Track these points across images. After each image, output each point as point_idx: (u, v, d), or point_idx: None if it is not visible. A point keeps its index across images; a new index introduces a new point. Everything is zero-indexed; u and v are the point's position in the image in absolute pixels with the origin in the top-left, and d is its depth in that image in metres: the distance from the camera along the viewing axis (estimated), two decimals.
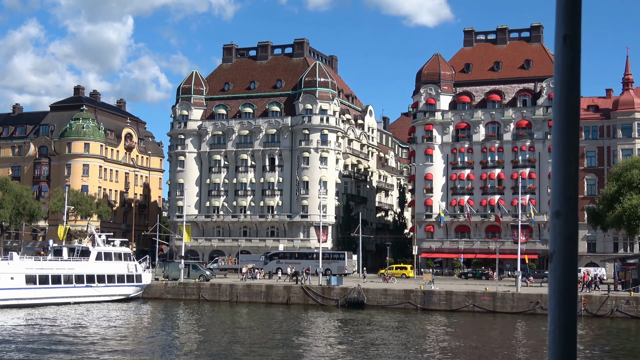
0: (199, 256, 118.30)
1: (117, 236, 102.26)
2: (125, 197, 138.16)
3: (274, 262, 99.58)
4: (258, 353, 41.47)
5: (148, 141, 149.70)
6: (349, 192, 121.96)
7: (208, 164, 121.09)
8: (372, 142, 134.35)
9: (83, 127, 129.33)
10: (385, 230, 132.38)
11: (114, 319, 58.82)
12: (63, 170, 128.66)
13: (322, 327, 55.09)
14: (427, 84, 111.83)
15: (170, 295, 77.73)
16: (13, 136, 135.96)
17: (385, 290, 71.24)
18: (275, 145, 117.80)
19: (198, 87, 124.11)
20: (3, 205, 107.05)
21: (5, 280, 63.63)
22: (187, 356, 40.20)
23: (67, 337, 46.43)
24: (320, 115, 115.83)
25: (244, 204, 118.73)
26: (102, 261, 73.60)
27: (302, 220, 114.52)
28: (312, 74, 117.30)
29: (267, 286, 75.02)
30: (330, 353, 42.26)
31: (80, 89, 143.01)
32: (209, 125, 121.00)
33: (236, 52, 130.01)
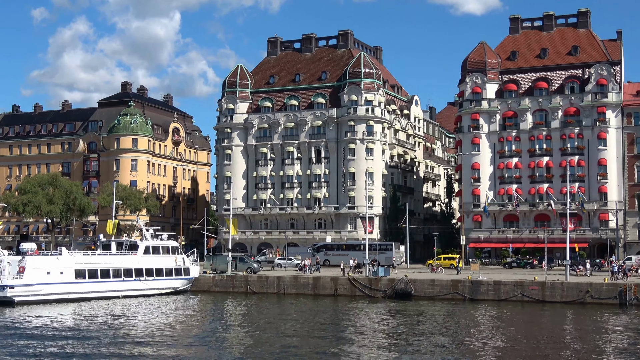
0: (247, 249, 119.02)
1: (166, 230, 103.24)
2: (174, 191, 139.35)
3: (321, 253, 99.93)
4: (308, 344, 41.59)
5: (195, 135, 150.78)
6: (395, 183, 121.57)
7: (255, 157, 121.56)
8: (418, 132, 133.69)
9: (131, 123, 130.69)
10: (432, 221, 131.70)
11: (163, 312, 59.27)
12: (112, 166, 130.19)
13: (371, 318, 54.93)
14: (473, 72, 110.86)
15: (218, 288, 78.25)
16: (62, 133, 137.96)
17: (433, 280, 70.93)
18: (321, 137, 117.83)
19: (243, 80, 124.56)
20: (54, 201, 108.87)
21: (55, 274, 64.55)
22: (238, 348, 40.32)
23: (117, 330, 46.93)
24: (365, 106, 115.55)
25: (291, 196, 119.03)
26: (150, 255, 74.27)
27: (349, 211, 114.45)
28: (357, 65, 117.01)
29: (314, 278, 75.13)
30: (379, 344, 42.15)
31: (128, 84, 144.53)
32: (255, 119, 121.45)
33: (281, 45, 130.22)
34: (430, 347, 40.79)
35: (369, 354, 38.31)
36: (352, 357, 37.00)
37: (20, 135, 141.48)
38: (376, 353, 38.82)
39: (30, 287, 62.32)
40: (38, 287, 62.85)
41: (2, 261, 63.24)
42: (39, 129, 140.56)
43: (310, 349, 39.90)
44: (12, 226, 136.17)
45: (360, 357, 37.25)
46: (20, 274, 62.40)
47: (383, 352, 39.29)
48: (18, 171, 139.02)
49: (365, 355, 38.01)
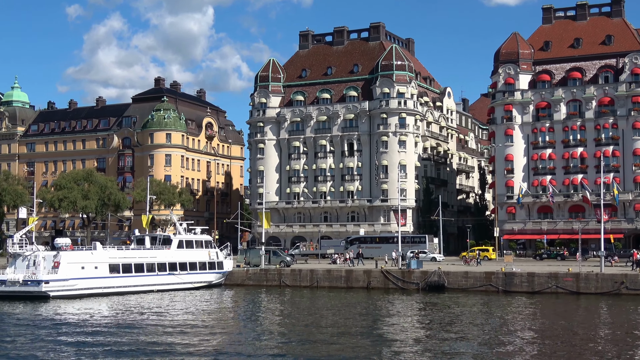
0: (281, 242, 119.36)
1: (200, 224, 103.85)
2: (208, 185, 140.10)
3: (354, 246, 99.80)
4: (344, 337, 41.55)
5: (228, 130, 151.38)
6: (428, 175, 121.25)
7: (287, 151, 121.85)
8: (451, 124, 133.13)
9: (164, 118, 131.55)
10: (466, 213, 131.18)
11: (197, 305, 59.52)
12: (146, 161, 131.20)
13: (405, 311, 54.82)
14: (505, 63, 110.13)
15: (251, 281, 78.57)
16: (97, 129, 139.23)
17: (466, 272, 70.66)
18: (353, 130, 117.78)
19: (276, 74, 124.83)
20: (89, 197, 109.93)
21: (90, 269, 65.17)
22: (273, 341, 40.35)
23: (152, 323, 47.25)
24: (397, 99, 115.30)
25: (324, 189, 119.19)
26: (184, 249, 74.70)
27: (382, 204, 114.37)
28: (389, 58, 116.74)
29: (347, 271, 75.18)
30: (414, 336, 42.05)
31: (161, 80, 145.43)
32: (287, 112, 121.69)
33: (313, 39, 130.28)
34: (465, 340, 40.59)
35: (405, 347, 38.16)
36: (388, 350, 36.88)
37: (55, 132, 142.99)
38: (412, 345, 38.67)
39: (64, 282, 62.97)
40: (73, 282, 63.50)
41: (38, 256, 63.99)
42: (74, 125, 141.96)
43: (346, 342, 39.85)
44: (49, 222, 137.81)
45: (396, 350, 37.10)
46: (55, 269, 63.03)
47: (419, 344, 39.13)
48: (54, 167, 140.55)
49: (401, 347, 37.87)
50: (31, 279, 62.48)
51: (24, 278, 62.66)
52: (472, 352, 36.45)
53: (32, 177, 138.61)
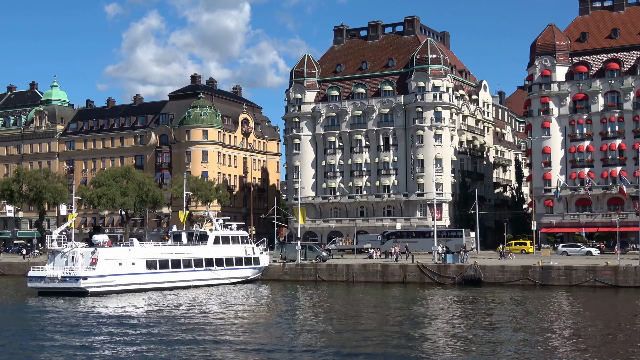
0: (318, 237, 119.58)
1: (237, 220, 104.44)
2: (244, 181, 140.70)
3: (391, 241, 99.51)
4: (380, 331, 41.59)
5: (264, 126, 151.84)
6: (465, 169, 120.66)
7: (323, 146, 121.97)
8: (487, 118, 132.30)
9: (201, 115, 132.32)
10: (504, 206, 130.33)
11: (234, 300, 59.78)
12: (183, 157, 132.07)
13: (441, 305, 54.70)
14: (542, 55, 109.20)
15: (287, 276, 78.88)
16: (135, 126, 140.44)
17: (503, 266, 70.29)
18: (388, 124, 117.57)
19: (311, 70, 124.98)
20: (127, 194, 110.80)
21: (127, 265, 65.75)
22: (310, 335, 40.42)
23: (190, 318, 47.53)
24: (433, 93, 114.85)
25: (360, 184, 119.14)
26: (220, 245, 75.13)
27: (418, 198, 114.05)
28: (424, 51, 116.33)
29: (382, 265, 75.15)
30: (451, 331, 41.87)
31: (197, 77, 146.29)
32: (322, 108, 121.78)
33: (347, 33, 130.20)
34: (503, 334, 40.40)
35: (442, 341, 38.06)
36: (426, 345, 36.84)
37: (94, 130, 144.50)
38: (449, 340, 38.55)
39: (102, 278, 63.61)
40: (110, 278, 64.11)
41: (76, 253, 64.68)
42: (112, 123, 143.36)
43: (384, 336, 39.87)
44: (89, 219, 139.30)
45: (434, 344, 37.03)
46: (93, 265, 63.66)
47: (456, 339, 38.99)
48: (93, 165, 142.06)
49: (438, 342, 37.78)
50: (69, 275, 63.20)
51: (63, 274, 63.41)
52: (512, 347, 36.20)
53: (72, 174, 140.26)
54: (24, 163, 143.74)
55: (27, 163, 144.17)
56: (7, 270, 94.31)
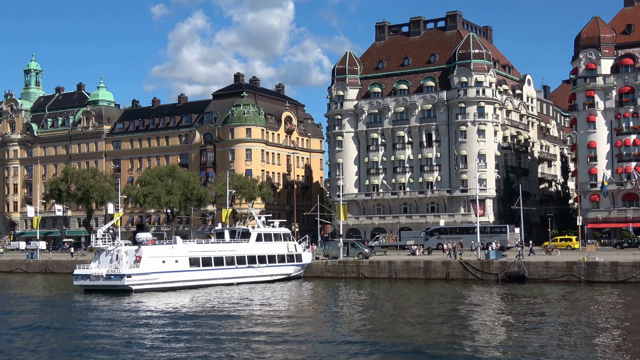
0: (361, 234, 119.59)
1: (281, 217, 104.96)
2: (288, 179, 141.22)
3: (434, 237, 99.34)
4: (425, 327, 41.56)
5: (307, 123, 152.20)
6: (509, 165, 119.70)
7: (366, 143, 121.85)
8: (531, 112, 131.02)
9: (244, 113, 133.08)
10: (549, 202, 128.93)
11: (277, 297, 60.00)
12: (227, 156, 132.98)
13: (485, 302, 54.35)
14: (586, 48, 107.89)
15: (330, 273, 78.89)
16: (180, 125, 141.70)
17: (547, 262, 69.57)
18: (431, 120, 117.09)
19: (352, 67, 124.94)
20: (172, 192, 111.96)
21: (170, 263, 66.38)
22: (355, 332, 40.42)
23: (234, 315, 47.78)
24: (476, 88, 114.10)
25: (403, 180, 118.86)
26: (262, 242, 75.43)
27: (461, 194, 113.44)
28: (466, 46, 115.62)
29: (425, 262, 74.90)
30: (497, 328, 41.67)
31: (240, 76, 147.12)
32: (364, 104, 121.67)
33: (389, 30, 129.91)
34: (549, 331, 40.00)
35: (488, 339, 37.85)
36: (471, 342, 36.60)
37: (139, 129, 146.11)
38: (495, 337, 38.39)
39: (146, 275, 64.30)
40: (154, 276, 64.78)
41: (120, 251, 65.47)
42: (157, 123, 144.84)
43: (428, 332, 39.87)
44: (135, 217, 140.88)
45: (480, 341, 36.78)
46: (137, 263, 64.39)
47: (502, 336, 38.87)
48: (139, 164, 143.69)
49: (484, 339, 37.57)
50: (114, 273, 63.97)
51: (107, 272, 64.22)
52: (558, 345, 35.78)
53: (118, 174, 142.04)
54: (72, 163, 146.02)
55: (75, 163, 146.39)
56: (55, 268, 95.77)
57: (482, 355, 33.17)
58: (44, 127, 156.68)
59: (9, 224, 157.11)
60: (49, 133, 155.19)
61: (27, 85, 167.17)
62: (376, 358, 33.21)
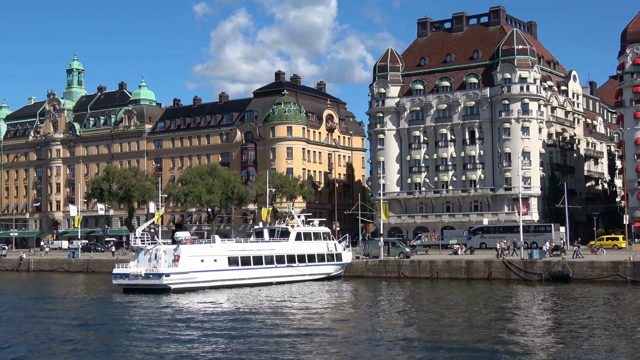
0: (403, 233, 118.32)
1: (323, 216, 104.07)
2: (329, 177, 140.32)
3: (477, 236, 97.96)
4: (468, 328, 40.77)
5: (349, 121, 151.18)
6: (554, 162, 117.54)
7: (407, 141, 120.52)
8: (577, 109, 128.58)
9: (285, 111, 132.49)
10: (595, 200, 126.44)
11: (317, 297, 59.34)
12: (268, 154, 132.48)
13: (529, 302, 53.17)
14: (633, 43, 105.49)
15: (370, 273, 78.02)
16: (221, 124, 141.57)
17: (592, 262, 67.91)
18: (474, 117, 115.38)
19: (394, 64, 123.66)
20: (213, 191, 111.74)
21: (209, 262, 65.92)
22: (397, 332, 39.63)
23: (274, 314, 47.27)
24: (519, 84, 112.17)
25: (446, 179, 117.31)
26: (302, 241, 74.76)
27: (505, 193, 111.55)
28: (510, 42, 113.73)
29: (467, 262, 73.64)
30: (542, 329, 40.62)
31: (281, 74, 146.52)
32: (406, 102, 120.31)
33: (431, 26, 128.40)
34: (596, 332, 38.94)
35: (533, 340, 36.80)
36: (516, 343, 35.69)
37: (181, 128, 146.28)
38: (540, 338, 37.28)
39: (184, 274, 63.91)
40: (192, 275, 64.37)
41: (159, 250, 65.14)
42: (199, 121, 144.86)
43: (471, 333, 39.08)
44: (177, 216, 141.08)
45: (524, 343, 35.76)
46: (175, 262, 64.05)
47: (547, 336, 37.84)
48: (180, 163, 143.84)
49: (528, 340, 36.53)
50: (152, 272, 63.69)
51: (146, 271, 63.96)
52: (605, 347, 34.71)
53: (160, 172, 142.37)
54: (113, 162, 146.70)
55: (117, 162, 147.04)
56: (97, 267, 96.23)
57: (528, 357, 32.28)
58: (86, 126, 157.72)
59: (52, 223, 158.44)
60: (91, 132, 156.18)
61: (70, 85, 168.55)
62: (420, 358, 32.59)
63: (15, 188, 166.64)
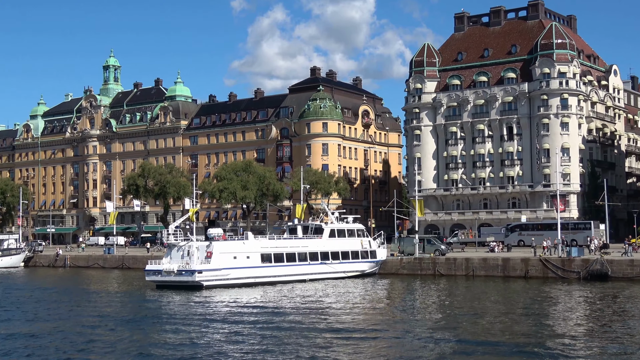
0: (440, 230, 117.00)
1: (358, 213, 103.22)
2: (365, 174, 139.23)
3: (515, 234, 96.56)
4: (505, 326, 39.96)
5: (385, 117, 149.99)
6: (594, 158, 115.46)
7: (444, 137, 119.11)
8: (618, 104, 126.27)
9: (320, 107, 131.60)
10: (637, 197, 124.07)
11: (351, 294, 58.62)
12: (303, 151, 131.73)
13: (568, 301, 52.10)
14: None
15: (405, 270, 77.08)
16: (256, 120, 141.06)
17: (632, 260, 66.34)
18: (512, 113, 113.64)
19: (431, 59, 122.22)
20: (248, 187, 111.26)
21: (242, 259, 65.39)
22: (434, 331, 38.88)
23: (305, 312, 46.73)
24: (558, 79, 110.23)
25: (483, 175, 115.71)
26: (336, 238, 73.96)
27: (544, 189, 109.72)
28: (549, 36, 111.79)
29: (503, 259, 72.35)
30: (580, 328, 39.64)
31: (317, 69, 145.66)
32: (443, 97, 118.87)
33: (468, 20, 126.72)
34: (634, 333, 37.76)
35: (570, 339, 35.90)
36: (554, 342, 34.77)
37: (216, 124, 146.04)
38: (579, 338, 36.32)
39: (217, 271, 63.49)
40: (225, 272, 63.92)
41: (191, 247, 64.82)
42: (234, 118, 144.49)
43: (509, 331, 38.27)
44: (212, 212, 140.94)
45: (562, 342, 34.87)
46: (208, 259, 63.66)
47: (586, 337, 36.82)
48: (216, 159, 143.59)
49: (566, 340, 35.63)
50: (185, 269, 63.43)
51: (179, 268, 63.72)
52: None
53: (196, 169, 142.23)
54: (149, 158, 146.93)
55: (153, 158, 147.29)
56: (131, 263, 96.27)
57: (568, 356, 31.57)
58: (122, 122, 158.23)
59: (89, 220, 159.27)
60: (127, 129, 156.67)
61: (106, 81, 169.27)
62: (460, 357, 32.04)
63: (52, 184, 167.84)
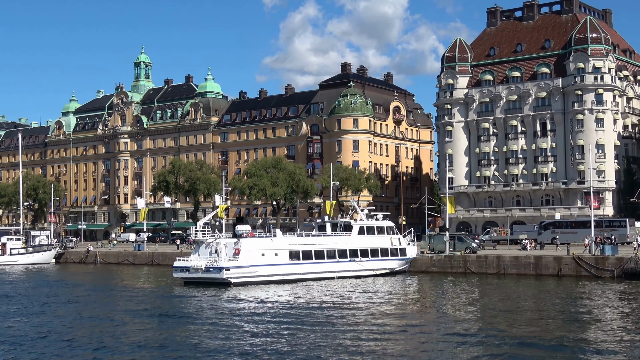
0: (472, 228, 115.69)
1: (389, 210, 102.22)
2: (396, 170, 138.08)
3: (548, 232, 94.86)
4: (543, 327, 38.85)
5: (417, 113, 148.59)
6: (630, 155, 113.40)
7: (476, 133, 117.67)
8: None
9: (351, 104, 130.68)
10: None
11: (380, 292, 57.88)
12: (334, 147, 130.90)
13: (602, 300, 50.94)
14: None
15: (436, 268, 76.11)
16: (286, 116, 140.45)
17: None
18: (545, 109, 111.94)
19: (463, 54, 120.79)
20: (278, 184, 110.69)
21: (270, 256, 64.79)
22: (468, 331, 38.04)
23: (334, 310, 46.06)
24: (593, 74, 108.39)
25: (516, 172, 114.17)
26: (365, 235, 73.04)
27: (578, 186, 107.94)
28: (583, 31, 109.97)
29: (535, 257, 71.00)
30: (616, 329, 38.52)
31: (348, 65, 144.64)
32: (475, 93, 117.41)
33: (501, 15, 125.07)
34: None
35: (608, 339, 35.03)
36: (589, 343, 33.97)
37: (246, 121, 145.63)
38: (615, 338, 35.34)
39: (245, 268, 62.94)
40: (253, 269, 63.36)
41: (219, 243, 64.36)
42: (264, 114, 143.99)
43: (543, 330, 37.40)
44: (243, 209, 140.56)
45: (598, 343, 34.01)
46: (236, 255, 63.15)
47: (622, 338, 35.73)
48: (246, 155, 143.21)
49: (602, 340, 34.77)
50: (213, 266, 62.99)
51: (207, 265, 63.31)
52: None
53: (226, 165, 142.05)
54: (180, 155, 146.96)
55: (184, 155, 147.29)
56: (161, 260, 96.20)
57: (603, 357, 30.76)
58: (153, 119, 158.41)
59: (120, 216, 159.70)
60: (158, 125, 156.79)
61: (137, 78, 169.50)
62: (491, 355, 31.38)
63: (84, 181, 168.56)
